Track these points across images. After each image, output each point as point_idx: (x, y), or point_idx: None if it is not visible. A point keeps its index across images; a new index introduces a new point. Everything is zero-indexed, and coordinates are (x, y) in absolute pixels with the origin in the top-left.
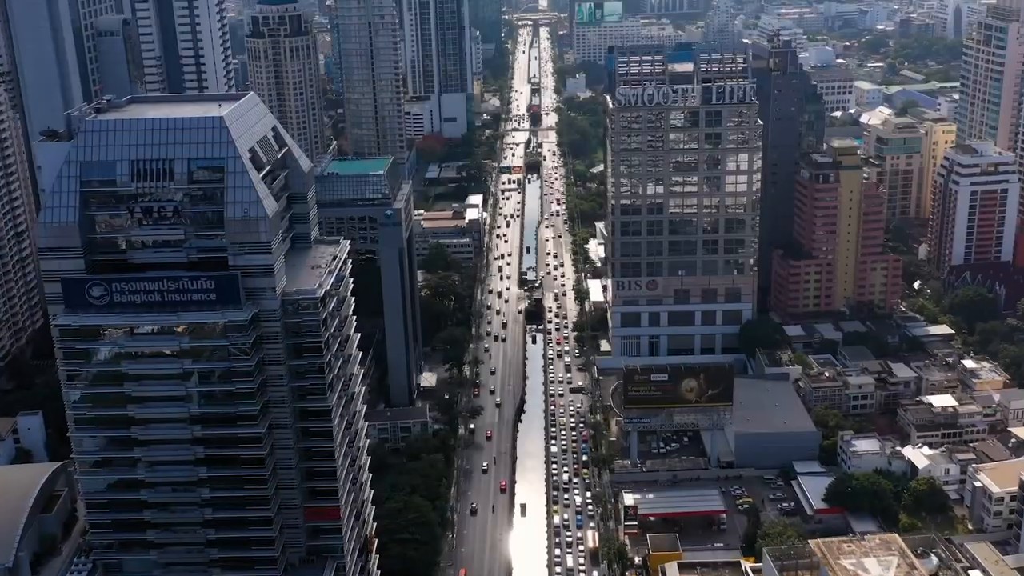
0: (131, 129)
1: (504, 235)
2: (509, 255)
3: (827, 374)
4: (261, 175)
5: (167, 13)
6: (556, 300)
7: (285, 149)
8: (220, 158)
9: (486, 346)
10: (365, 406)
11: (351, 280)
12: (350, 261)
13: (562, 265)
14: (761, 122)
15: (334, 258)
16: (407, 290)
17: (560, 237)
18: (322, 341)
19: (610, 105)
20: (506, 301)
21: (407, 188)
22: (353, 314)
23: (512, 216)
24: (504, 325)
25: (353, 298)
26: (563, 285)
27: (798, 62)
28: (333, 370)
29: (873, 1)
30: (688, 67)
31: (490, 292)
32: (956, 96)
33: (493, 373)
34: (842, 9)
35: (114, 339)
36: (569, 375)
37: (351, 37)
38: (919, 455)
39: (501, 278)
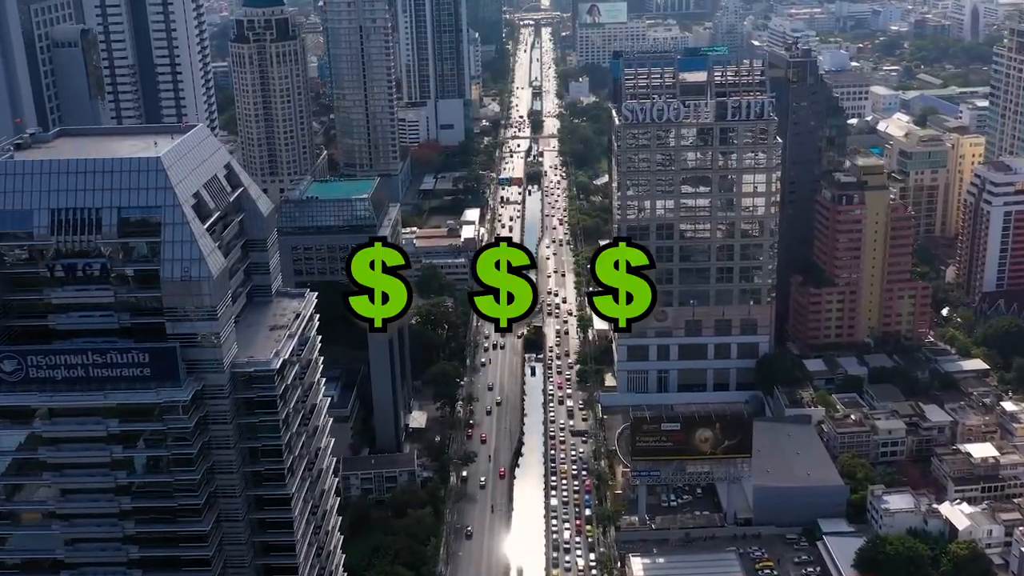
0: (52, 172)
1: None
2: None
3: (853, 417)
4: (208, 224)
5: (141, 19)
6: (557, 336)
7: (240, 190)
8: (156, 207)
9: (483, 360)
10: (337, 478)
11: (318, 339)
12: (317, 317)
13: (565, 302)
14: (780, 139)
15: (297, 316)
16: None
17: (564, 275)
18: (280, 419)
19: (616, 120)
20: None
21: (394, 212)
22: (321, 378)
23: (512, 219)
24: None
25: (321, 359)
26: (565, 322)
27: (818, 72)
28: (294, 451)
29: (886, 1)
30: (699, 76)
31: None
32: (978, 103)
33: (491, 396)
34: (854, 9)
35: (30, 422)
36: (571, 422)
37: (341, 42)
38: (958, 513)
39: None
